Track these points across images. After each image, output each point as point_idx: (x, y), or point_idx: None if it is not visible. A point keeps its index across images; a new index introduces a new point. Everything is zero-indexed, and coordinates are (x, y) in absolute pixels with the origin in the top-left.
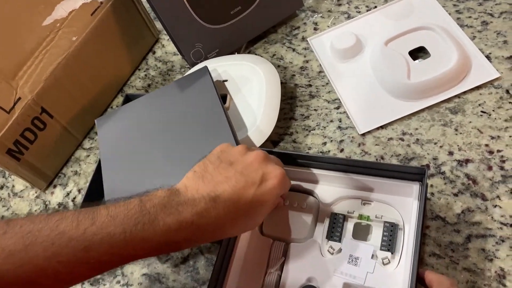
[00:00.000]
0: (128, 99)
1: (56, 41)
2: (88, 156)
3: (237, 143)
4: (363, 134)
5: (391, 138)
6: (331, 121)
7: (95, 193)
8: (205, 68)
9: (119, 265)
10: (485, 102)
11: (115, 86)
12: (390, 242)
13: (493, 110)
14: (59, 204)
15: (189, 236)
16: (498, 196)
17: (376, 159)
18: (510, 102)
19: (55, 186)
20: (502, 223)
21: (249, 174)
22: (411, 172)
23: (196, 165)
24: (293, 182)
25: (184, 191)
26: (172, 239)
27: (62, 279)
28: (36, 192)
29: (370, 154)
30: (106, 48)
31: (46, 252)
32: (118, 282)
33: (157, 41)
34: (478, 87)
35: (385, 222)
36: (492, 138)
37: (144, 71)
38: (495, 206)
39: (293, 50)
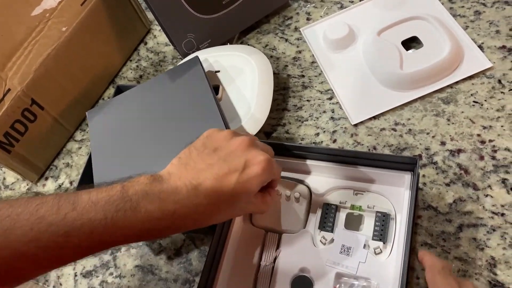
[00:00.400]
0: (119, 90)
1: (45, 31)
2: (80, 148)
3: None
4: (356, 125)
5: (383, 129)
6: (324, 111)
7: (86, 185)
8: (196, 58)
9: (99, 250)
10: (477, 92)
11: (107, 77)
12: (382, 232)
13: (485, 100)
14: None
15: (171, 224)
16: (489, 186)
17: (369, 150)
18: (502, 92)
19: (46, 178)
20: (493, 213)
21: (231, 161)
22: (403, 162)
23: (182, 151)
24: (285, 173)
25: (167, 178)
26: (153, 227)
27: (41, 264)
28: (27, 185)
29: (362, 144)
30: (96, 39)
31: (25, 237)
32: (111, 274)
33: (148, 31)
34: (470, 77)
35: (377, 212)
36: (484, 128)
37: (136, 62)
38: (487, 195)
39: (286, 40)
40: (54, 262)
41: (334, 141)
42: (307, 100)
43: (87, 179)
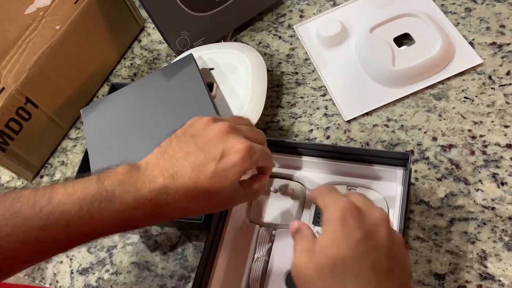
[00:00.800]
0: (114, 88)
1: (39, 30)
2: (75, 146)
3: None
4: (349, 121)
5: (376, 125)
6: (317, 108)
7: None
8: (190, 55)
9: (79, 243)
10: (468, 88)
11: (101, 75)
12: None
13: (476, 96)
14: None
15: (148, 213)
16: (480, 180)
17: (362, 145)
18: (492, 88)
19: (42, 177)
20: (483, 207)
21: (209, 150)
22: (395, 158)
23: (164, 141)
24: (279, 169)
25: (144, 168)
26: (131, 217)
27: (21, 258)
28: (22, 183)
29: (355, 140)
30: (90, 37)
31: (1, 232)
32: (107, 270)
33: (142, 29)
34: (461, 73)
35: None
36: (475, 123)
37: (130, 60)
38: (477, 190)
39: (279, 37)
40: (34, 257)
41: (328, 137)
42: (301, 97)
43: (82, 177)
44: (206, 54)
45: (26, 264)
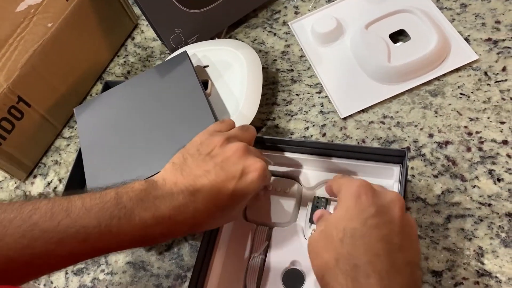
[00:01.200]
0: (107, 86)
1: (31, 27)
2: (69, 145)
3: None
4: (345, 118)
5: (372, 122)
6: (313, 105)
7: (76, 182)
8: (185, 53)
9: (92, 257)
10: (464, 84)
11: (94, 73)
12: None
13: (472, 92)
14: (40, 195)
15: (166, 230)
16: (476, 177)
17: (358, 143)
18: (488, 84)
19: (35, 176)
20: (480, 203)
21: (229, 168)
22: (391, 155)
23: (174, 157)
24: (276, 167)
25: (162, 184)
26: (148, 234)
27: (33, 270)
28: (15, 183)
29: (351, 138)
30: (83, 35)
31: (17, 244)
32: (102, 271)
33: (136, 26)
34: (457, 70)
35: None
36: (471, 119)
37: (123, 58)
38: (474, 186)
39: (274, 34)
40: (46, 269)
41: (324, 134)
42: (296, 94)
43: (76, 177)
44: (201, 52)
45: (37, 275)
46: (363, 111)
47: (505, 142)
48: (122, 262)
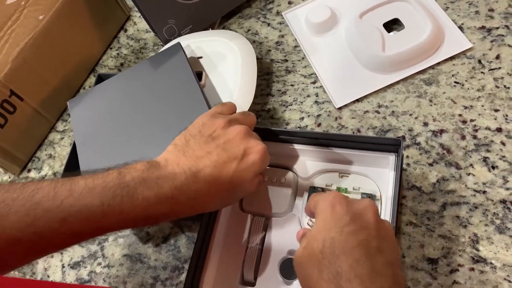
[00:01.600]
0: (100, 79)
1: (21, 20)
2: (62, 138)
3: None
4: (340, 108)
5: (367, 111)
6: (308, 96)
7: (71, 176)
8: (178, 44)
9: (95, 236)
10: (458, 72)
11: (87, 66)
12: None
13: (466, 80)
14: None
15: (168, 210)
16: (471, 165)
17: (353, 132)
18: (482, 72)
19: (29, 171)
20: (475, 191)
21: (230, 149)
22: (387, 144)
23: (176, 138)
24: (271, 158)
25: (164, 165)
26: (150, 213)
27: (37, 249)
28: (10, 177)
29: (347, 127)
30: (75, 27)
31: (21, 223)
32: (99, 264)
33: (128, 18)
34: (451, 58)
35: (362, 193)
36: (465, 108)
37: (116, 50)
38: (469, 174)
39: (268, 24)
40: (50, 248)
41: (319, 125)
42: (291, 85)
43: (71, 170)
44: (194, 43)
45: (40, 255)
46: (358, 100)
47: (499, 130)
48: (119, 255)
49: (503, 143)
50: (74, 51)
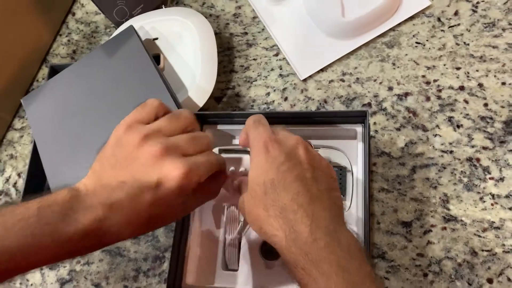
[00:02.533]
0: (53, 70)
1: None
2: (22, 136)
3: (178, 105)
4: (305, 80)
5: (332, 80)
6: (272, 69)
7: (36, 175)
8: (131, 27)
9: (20, 274)
10: (418, 32)
11: (37, 56)
12: (340, 186)
13: (427, 40)
14: (0, 192)
15: (93, 242)
16: (437, 126)
17: (320, 104)
18: (442, 30)
19: None
20: (442, 151)
21: (142, 178)
22: (353, 116)
23: (95, 162)
24: (234, 142)
25: (85, 194)
26: (74, 248)
27: None
28: None
29: (313, 99)
30: (17, 14)
31: None
32: (78, 262)
33: (75, 1)
34: (411, 18)
35: (333, 167)
36: (428, 68)
37: (66, 36)
38: (435, 135)
39: None
40: None
41: (286, 99)
42: (254, 59)
43: (35, 170)
44: (148, 23)
45: None
46: (322, 70)
47: (461, 88)
48: (98, 251)
49: (466, 101)
50: (20, 40)
